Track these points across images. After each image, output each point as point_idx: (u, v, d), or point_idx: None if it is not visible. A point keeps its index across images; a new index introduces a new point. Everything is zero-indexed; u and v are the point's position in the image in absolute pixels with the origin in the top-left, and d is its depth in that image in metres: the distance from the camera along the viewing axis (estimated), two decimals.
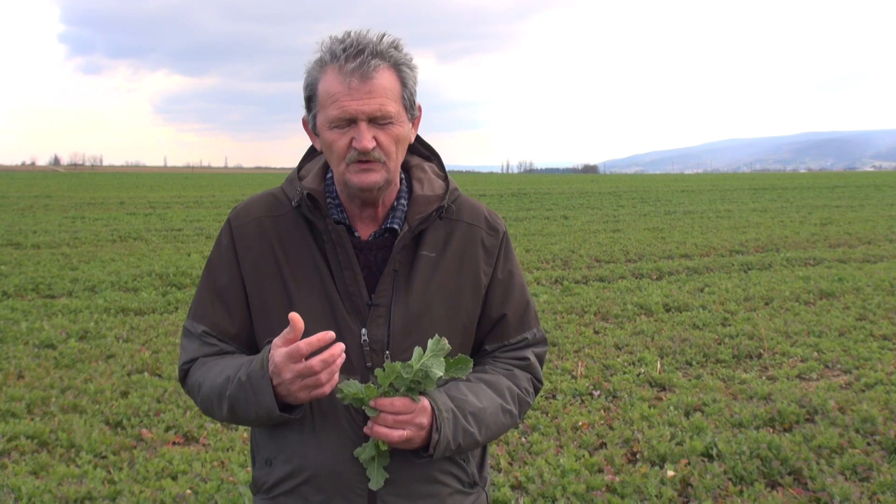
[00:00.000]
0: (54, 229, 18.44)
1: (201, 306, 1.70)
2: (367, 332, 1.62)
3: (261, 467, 1.70)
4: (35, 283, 10.40)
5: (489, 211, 1.79)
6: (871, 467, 4.41)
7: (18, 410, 5.37)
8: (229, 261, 1.68)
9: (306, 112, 1.65)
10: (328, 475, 1.61)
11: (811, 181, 56.07)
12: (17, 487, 4.11)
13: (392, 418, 1.50)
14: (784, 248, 15.03)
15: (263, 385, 1.50)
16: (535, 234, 18.16)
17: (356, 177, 1.58)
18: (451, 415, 1.57)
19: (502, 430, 1.70)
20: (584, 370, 6.50)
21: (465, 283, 1.70)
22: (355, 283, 1.63)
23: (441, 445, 1.55)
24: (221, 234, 1.73)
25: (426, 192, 1.69)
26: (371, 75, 1.53)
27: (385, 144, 1.57)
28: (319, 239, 1.66)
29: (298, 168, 1.75)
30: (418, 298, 1.64)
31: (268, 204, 1.71)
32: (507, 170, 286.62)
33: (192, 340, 1.70)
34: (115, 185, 49.80)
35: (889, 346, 7.33)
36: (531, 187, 47.78)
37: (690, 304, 9.28)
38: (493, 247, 1.75)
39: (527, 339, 1.77)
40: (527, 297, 1.80)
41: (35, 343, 7.23)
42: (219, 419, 1.67)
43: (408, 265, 1.66)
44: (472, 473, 1.74)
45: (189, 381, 1.70)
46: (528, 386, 1.76)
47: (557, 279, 11.21)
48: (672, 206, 29.08)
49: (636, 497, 4.09)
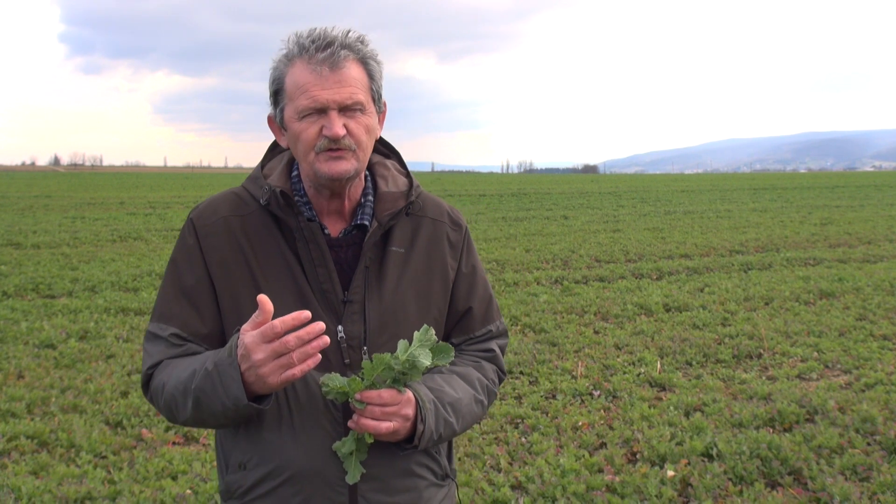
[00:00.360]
0: (54, 229, 18.44)
1: (168, 307, 1.65)
2: (343, 329, 1.62)
3: (234, 471, 1.66)
4: (35, 283, 10.40)
5: (451, 207, 1.83)
6: (871, 467, 4.41)
7: (18, 410, 5.37)
8: (195, 261, 1.65)
9: (273, 108, 1.65)
10: (309, 474, 1.60)
11: (811, 181, 56.07)
12: (17, 487, 4.11)
13: (380, 410, 1.50)
14: (784, 248, 15.03)
15: (231, 372, 1.45)
16: (535, 234, 18.16)
17: (326, 165, 1.57)
18: (433, 406, 1.59)
19: (475, 420, 1.74)
20: (584, 370, 6.50)
21: (435, 277, 1.73)
22: (329, 279, 1.62)
23: (426, 436, 1.56)
24: (184, 233, 1.69)
25: (391, 189, 1.70)
26: (341, 65, 1.55)
27: (355, 133, 1.58)
28: (289, 237, 1.65)
29: (261, 166, 1.74)
30: (391, 294, 1.66)
31: (232, 203, 1.69)
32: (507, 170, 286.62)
33: (158, 343, 1.64)
34: (115, 185, 49.79)
35: (889, 346, 7.33)
36: (531, 187, 47.78)
37: (690, 304, 9.28)
38: (457, 241, 1.79)
39: (491, 331, 1.82)
40: (489, 290, 1.84)
41: (35, 343, 7.23)
42: (182, 421, 1.60)
43: (378, 261, 1.67)
44: (444, 466, 1.77)
45: (152, 385, 1.63)
46: (494, 377, 1.81)
47: (557, 279, 11.21)
48: (672, 206, 29.08)
49: (636, 497, 4.10)
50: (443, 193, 38.13)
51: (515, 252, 14.37)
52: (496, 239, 16.93)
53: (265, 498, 1.62)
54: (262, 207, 1.66)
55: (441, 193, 38.17)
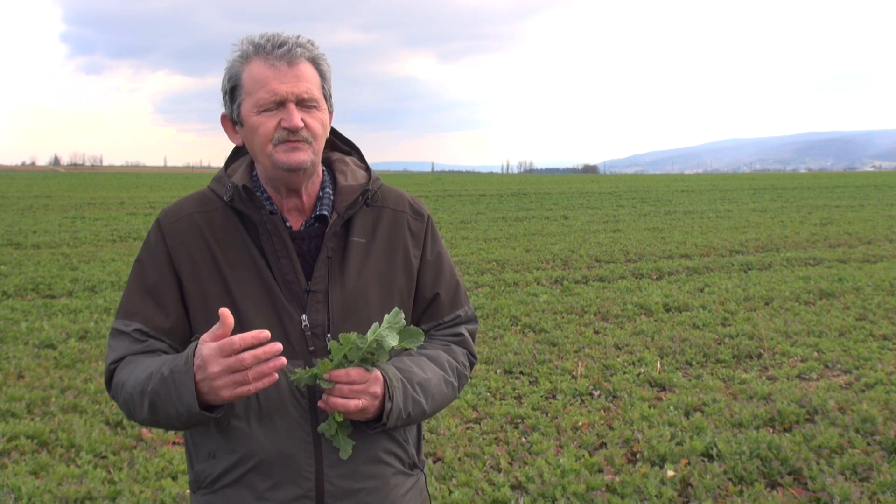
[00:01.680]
0: (54, 229, 18.44)
1: (132, 304, 1.68)
2: (308, 318, 1.66)
3: (203, 461, 1.68)
4: (35, 283, 10.40)
5: (413, 198, 1.87)
6: (871, 467, 4.41)
7: (18, 410, 5.37)
8: (160, 259, 1.69)
9: (228, 105, 1.69)
10: (277, 460, 1.63)
11: (811, 181, 56.07)
12: (17, 487, 4.11)
13: (348, 388, 1.53)
14: (784, 248, 15.03)
15: (186, 380, 1.48)
16: (535, 234, 18.16)
17: (284, 156, 1.63)
18: (401, 384, 1.62)
19: (445, 401, 1.76)
20: (584, 370, 6.50)
21: (397, 265, 1.76)
22: (293, 270, 1.67)
23: (394, 414, 1.59)
24: (150, 234, 1.73)
25: (350, 182, 1.76)
26: (297, 62, 1.63)
27: (312, 126, 1.64)
28: (253, 231, 1.70)
29: (225, 167, 1.80)
30: (353, 283, 1.70)
31: (197, 201, 1.74)
32: (507, 170, 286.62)
33: (122, 339, 1.67)
34: (115, 185, 49.80)
35: (889, 346, 7.33)
36: (531, 187, 47.79)
37: (690, 304, 9.28)
38: (419, 230, 1.82)
39: (459, 316, 1.86)
40: (457, 276, 1.88)
41: (35, 343, 7.24)
42: (140, 421, 1.63)
43: (340, 252, 1.72)
44: (411, 454, 1.79)
45: (114, 382, 1.66)
46: (464, 360, 1.83)
47: (557, 279, 11.22)
48: (672, 206, 29.08)
49: (636, 497, 4.09)
50: (443, 193, 38.13)
51: (515, 252, 14.37)
52: (496, 239, 16.94)
53: (234, 485, 1.65)
54: (226, 204, 1.71)
55: (441, 193, 38.16)
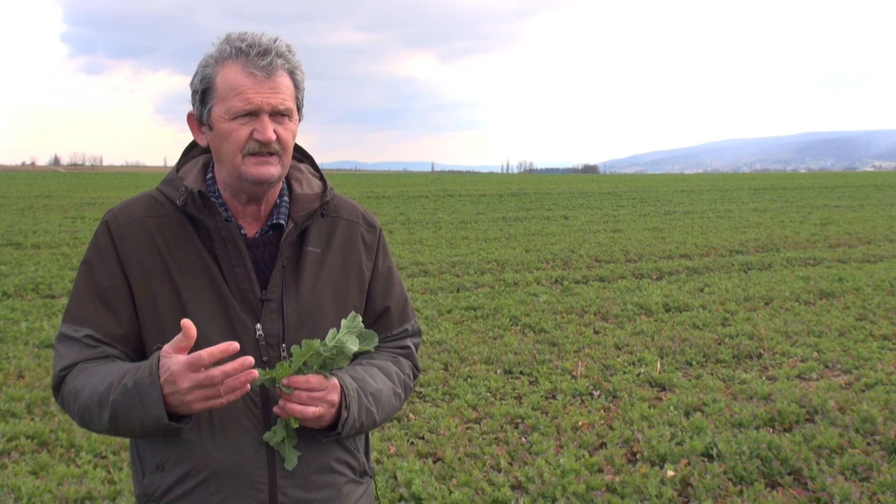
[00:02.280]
0: (54, 229, 18.44)
1: (82, 309, 1.63)
2: (262, 327, 1.64)
3: (151, 473, 1.64)
4: (35, 283, 10.41)
5: (365, 210, 1.88)
6: (871, 467, 4.41)
7: (18, 410, 5.37)
8: (110, 262, 1.64)
9: (198, 106, 1.66)
10: (229, 472, 1.60)
11: (811, 181, 56.07)
12: (17, 487, 4.11)
13: (306, 395, 1.53)
14: (784, 248, 15.03)
15: (152, 392, 1.46)
16: (535, 234, 18.16)
17: (254, 169, 1.61)
18: (357, 394, 1.63)
19: (393, 411, 1.77)
20: (584, 370, 6.50)
21: (351, 276, 1.77)
22: (248, 279, 1.65)
23: (349, 423, 1.60)
24: (98, 235, 1.68)
25: (306, 191, 1.75)
26: (276, 73, 1.60)
27: (283, 138, 1.63)
28: (206, 237, 1.66)
29: (176, 169, 1.75)
30: (308, 293, 1.69)
31: (148, 205, 1.70)
32: (507, 170, 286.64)
33: (72, 345, 1.62)
34: (115, 185, 49.79)
35: (889, 346, 7.33)
36: (531, 187, 47.78)
37: (690, 304, 9.28)
38: (372, 242, 1.83)
39: (407, 329, 1.88)
40: (405, 291, 1.91)
41: (35, 343, 7.24)
42: (96, 430, 1.59)
43: (295, 261, 1.71)
44: (362, 462, 1.80)
45: (65, 390, 1.61)
46: (409, 373, 1.86)
47: (557, 279, 11.22)
48: (672, 206, 29.08)
49: (636, 497, 4.09)
50: (443, 193, 38.13)
51: (515, 252, 14.37)
52: (496, 239, 16.94)
53: (184, 498, 1.61)
54: (178, 209, 1.67)
55: (441, 193, 38.16)
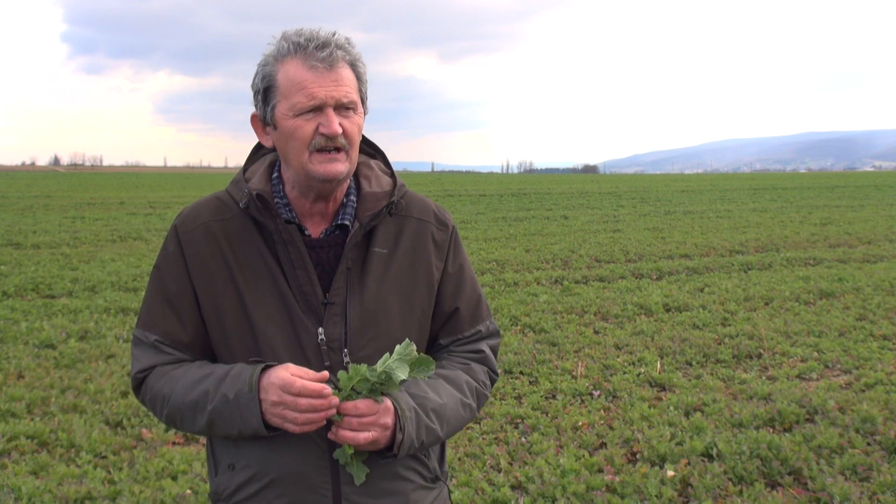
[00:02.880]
0: (54, 229, 18.44)
1: (152, 314, 1.67)
2: (324, 331, 1.62)
3: (223, 472, 1.68)
4: (35, 283, 10.40)
5: (437, 206, 1.81)
6: (871, 467, 4.41)
7: (18, 410, 5.37)
8: (177, 268, 1.66)
9: (261, 106, 1.64)
10: (291, 479, 1.61)
11: (811, 181, 56.06)
12: (17, 487, 4.11)
13: (356, 421, 1.51)
14: (784, 248, 15.03)
15: (252, 407, 1.52)
16: (535, 234, 18.16)
17: (321, 167, 1.58)
18: (414, 413, 1.58)
19: (462, 424, 1.72)
20: (584, 370, 6.50)
21: (419, 278, 1.71)
22: (309, 282, 1.63)
23: (405, 445, 1.56)
24: (167, 240, 1.70)
25: (374, 189, 1.70)
26: (337, 65, 1.57)
27: (349, 132, 1.59)
28: (269, 240, 1.65)
29: (243, 170, 1.74)
30: (373, 296, 1.65)
31: (214, 208, 1.70)
32: (507, 170, 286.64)
33: (146, 349, 1.67)
34: (115, 185, 49.80)
35: (889, 346, 7.33)
36: (531, 187, 47.77)
37: (690, 304, 9.28)
38: (443, 241, 1.76)
39: (480, 331, 1.80)
40: (478, 290, 1.82)
41: (35, 343, 7.23)
42: (187, 430, 1.66)
43: (360, 262, 1.66)
44: (433, 468, 1.76)
45: (149, 391, 1.66)
46: (484, 379, 1.78)
47: (557, 279, 11.21)
48: (672, 206, 29.08)
49: (636, 497, 4.09)
50: (443, 193, 38.12)
51: (515, 252, 14.37)
52: (496, 239, 16.93)
53: (251, 500, 1.64)
54: (242, 211, 1.66)
55: (441, 193, 38.15)
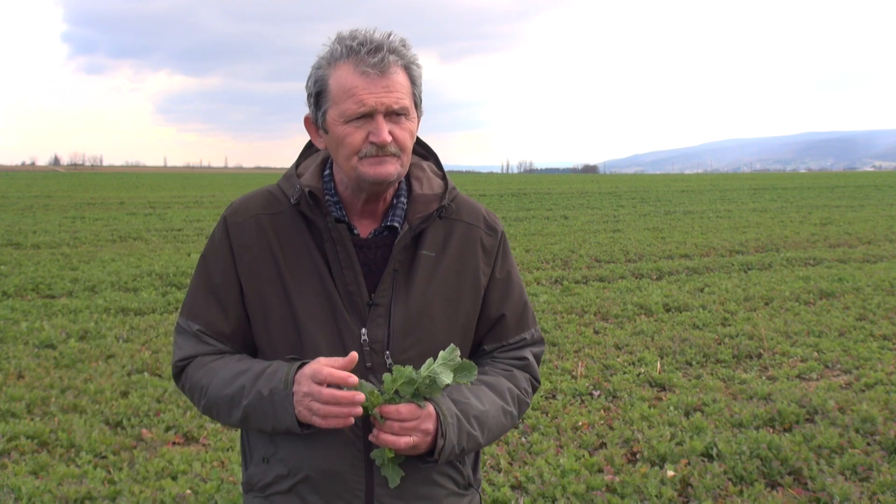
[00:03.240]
0: (54, 229, 18.44)
1: (196, 304, 1.69)
2: (367, 332, 1.61)
3: (257, 464, 1.69)
4: (35, 283, 10.40)
5: (487, 211, 1.79)
6: (871, 467, 4.41)
7: (18, 410, 5.36)
8: (224, 258, 1.67)
9: (313, 109, 1.63)
10: (326, 477, 1.61)
11: (811, 181, 56.06)
12: (17, 487, 4.11)
13: (398, 425, 1.50)
14: (784, 248, 15.03)
15: (287, 405, 1.52)
16: (535, 234, 18.16)
17: (371, 168, 1.56)
18: (456, 419, 1.57)
19: (503, 431, 1.71)
20: (584, 370, 6.50)
21: (465, 283, 1.69)
22: (356, 282, 1.62)
23: (446, 451, 1.55)
24: (216, 230, 1.71)
25: (426, 191, 1.68)
26: (389, 70, 1.54)
27: (400, 139, 1.57)
28: (318, 237, 1.64)
29: (296, 165, 1.74)
30: (418, 298, 1.64)
31: (265, 201, 1.69)
32: (507, 170, 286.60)
33: (188, 338, 1.68)
34: (115, 185, 49.80)
35: (889, 346, 7.33)
36: (531, 187, 47.77)
37: (690, 304, 9.28)
38: (491, 247, 1.75)
39: (525, 339, 1.78)
40: (525, 297, 1.80)
41: (35, 343, 7.23)
42: (223, 422, 1.67)
43: (407, 265, 1.65)
44: (467, 475, 1.75)
45: (188, 380, 1.68)
46: (526, 386, 1.77)
47: (557, 279, 11.21)
48: (672, 206, 29.08)
49: (636, 497, 4.09)
50: None
51: (515, 252, 14.36)
52: None
53: (285, 495, 1.65)
54: (293, 206, 1.66)
55: None
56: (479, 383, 1.67)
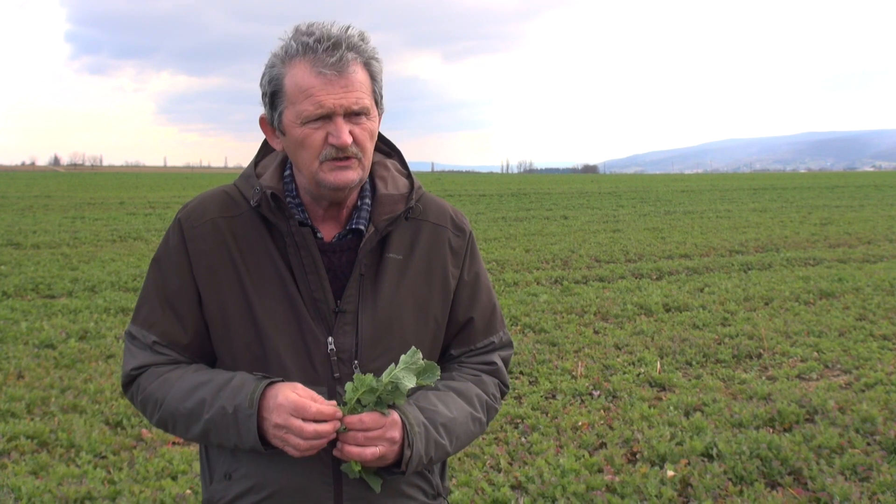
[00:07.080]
0: (54, 229, 18.43)
1: (151, 312, 1.59)
2: (334, 341, 1.55)
3: (219, 481, 1.61)
4: (35, 283, 10.40)
5: (455, 210, 1.73)
6: (871, 467, 4.41)
7: (18, 410, 5.36)
8: (180, 264, 1.58)
9: (268, 110, 1.55)
10: (292, 492, 1.55)
11: (811, 181, 56.06)
12: (17, 487, 4.11)
13: (362, 436, 1.44)
14: (784, 248, 15.03)
15: (250, 425, 1.45)
16: (535, 234, 18.15)
17: (332, 175, 1.50)
18: (423, 428, 1.51)
19: (471, 438, 1.64)
20: (584, 370, 6.50)
21: (434, 286, 1.64)
22: (321, 288, 1.55)
23: (413, 461, 1.49)
24: (170, 233, 1.61)
25: (391, 191, 1.61)
26: (348, 69, 1.47)
27: (360, 139, 1.51)
28: (280, 241, 1.57)
29: (254, 164, 1.66)
30: (386, 304, 1.57)
31: (222, 203, 1.60)
32: (507, 170, 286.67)
33: (141, 347, 1.60)
34: (115, 185, 49.79)
35: (889, 346, 7.33)
36: (531, 187, 47.77)
37: (690, 304, 9.28)
38: (459, 248, 1.69)
39: (493, 342, 1.72)
40: (493, 299, 1.75)
41: (35, 343, 7.23)
42: (179, 436, 1.60)
43: (374, 268, 1.59)
44: (436, 485, 1.69)
45: (140, 391, 1.59)
46: (495, 391, 1.71)
47: (557, 279, 11.21)
48: (672, 206, 29.08)
49: (636, 497, 4.09)
50: (442, 193, 38.13)
51: (515, 252, 14.37)
52: (496, 239, 16.93)
53: None
54: (252, 209, 1.58)
55: (441, 193, 38.17)
56: (446, 389, 1.61)
